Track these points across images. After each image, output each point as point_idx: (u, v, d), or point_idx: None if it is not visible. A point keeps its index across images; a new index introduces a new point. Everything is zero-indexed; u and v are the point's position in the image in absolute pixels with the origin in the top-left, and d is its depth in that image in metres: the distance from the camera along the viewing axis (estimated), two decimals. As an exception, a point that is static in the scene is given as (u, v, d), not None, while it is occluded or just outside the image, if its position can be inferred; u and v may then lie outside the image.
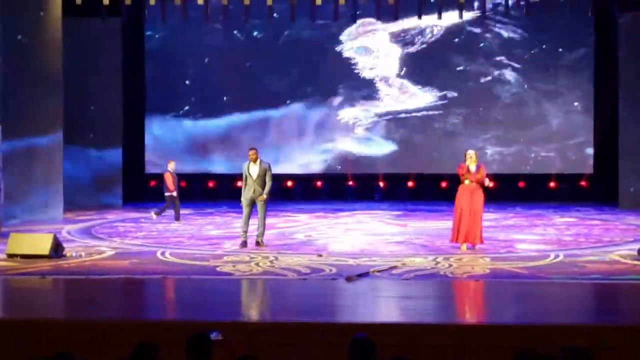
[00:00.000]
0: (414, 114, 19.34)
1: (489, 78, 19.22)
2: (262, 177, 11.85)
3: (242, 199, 11.97)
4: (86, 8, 14.63)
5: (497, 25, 18.92)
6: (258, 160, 11.92)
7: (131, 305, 8.79)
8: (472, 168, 11.53)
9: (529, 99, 19.18)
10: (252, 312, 8.52)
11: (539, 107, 19.15)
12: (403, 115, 19.35)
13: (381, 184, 19.67)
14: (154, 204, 17.95)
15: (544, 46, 19.06)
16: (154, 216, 15.35)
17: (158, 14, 15.45)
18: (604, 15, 17.44)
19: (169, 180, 15.19)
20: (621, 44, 17.47)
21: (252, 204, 11.93)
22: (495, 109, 19.24)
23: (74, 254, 11.17)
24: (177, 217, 15.33)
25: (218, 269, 10.17)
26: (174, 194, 15.17)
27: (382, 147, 19.49)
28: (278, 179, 16.56)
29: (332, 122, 19.51)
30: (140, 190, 19.24)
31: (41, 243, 10.92)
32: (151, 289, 9.53)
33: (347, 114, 19.46)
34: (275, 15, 16.31)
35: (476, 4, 17.63)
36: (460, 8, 15.35)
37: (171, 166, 15.39)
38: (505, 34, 19.12)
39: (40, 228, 13.67)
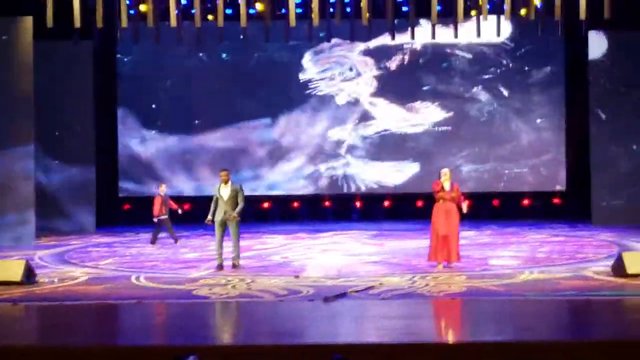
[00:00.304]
0: (388, 134, 19.41)
1: (462, 96, 19.36)
2: (233, 199, 11.76)
3: (212, 220, 11.85)
4: (58, 31, 14.53)
5: (470, 44, 19.07)
6: (229, 182, 11.85)
7: (106, 330, 8.67)
8: (447, 186, 11.60)
9: (502, 116, 19.34)
10: (229, 335, 8.44)
11: (511, 125, 19.31)
12: (378, 135, 19.42)
13: (358, 203, 19.66)
14: (127, 228, 17.83)
15: (515, 64, 19.26)
16: (177, 242, 15.22)
17: (130, 36, 15.38)
18: (574, 33, 17.64)
19: (156, 204, 15.11)
20: (591, 61, 17.69)
21: (224, 225, 11.85)
22: (468, 126, 19.37)
23: (46, 280, 11.03)
24: (153, 241, 15.23)
25: (194, 292, 10.09)
26: (161, 217, 15.09)
27: (357, 167, 19.52)
28: (253, 200, 16.52)
29: (306, 144, 19.50)
30: (114, 214, 19.08)
31: (13, 269, 10.76)
32: (126, 314, 9.41)
33: (322, 135, 19.48)
34: (249, 37, 16.28)
35: (448, 24, 17.73)
36: (433, 28, 15.44)
37: (162, 189, 15.35)
38: (477, 52, 19.29)
39: (11, 254, 13.49)
